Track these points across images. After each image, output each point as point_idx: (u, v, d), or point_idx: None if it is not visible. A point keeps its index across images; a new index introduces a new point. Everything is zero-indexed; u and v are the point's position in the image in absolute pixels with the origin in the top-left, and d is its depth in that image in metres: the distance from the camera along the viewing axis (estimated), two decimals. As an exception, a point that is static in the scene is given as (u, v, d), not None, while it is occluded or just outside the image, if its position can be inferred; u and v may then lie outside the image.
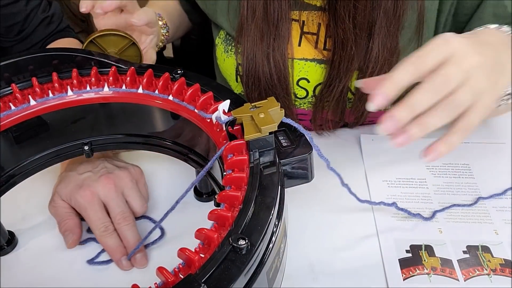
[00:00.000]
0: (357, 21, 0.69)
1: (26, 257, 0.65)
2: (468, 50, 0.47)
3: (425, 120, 0.46)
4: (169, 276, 0.40)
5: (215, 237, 0.42)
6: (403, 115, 0.45)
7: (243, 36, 0.76)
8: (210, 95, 0.57)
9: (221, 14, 0.82)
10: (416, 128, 0.46)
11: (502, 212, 0.66)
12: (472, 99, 0.47)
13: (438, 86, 0.45)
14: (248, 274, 0.40)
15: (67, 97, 0.62)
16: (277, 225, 0.45)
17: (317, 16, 0.75)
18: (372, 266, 0.60)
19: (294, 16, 0.76)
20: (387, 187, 0.71)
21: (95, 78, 0.62)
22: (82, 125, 0.65)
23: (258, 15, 0.73)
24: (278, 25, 0.74)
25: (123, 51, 0.70)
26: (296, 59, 0.77)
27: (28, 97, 0.60)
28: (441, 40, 0.47)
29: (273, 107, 0.51)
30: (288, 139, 0.54)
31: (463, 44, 0.47)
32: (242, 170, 0.48)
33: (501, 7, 0.70)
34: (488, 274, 0.59)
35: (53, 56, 0.65)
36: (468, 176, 0.72)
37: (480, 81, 0.47)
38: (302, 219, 0.67)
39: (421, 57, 0.46)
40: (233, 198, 0.45)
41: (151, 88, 0.61)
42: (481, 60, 0.47)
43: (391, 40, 0.71)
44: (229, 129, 0.52)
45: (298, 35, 0.77)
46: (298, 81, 0.79)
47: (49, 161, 0.65)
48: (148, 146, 0.67)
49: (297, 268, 0.60)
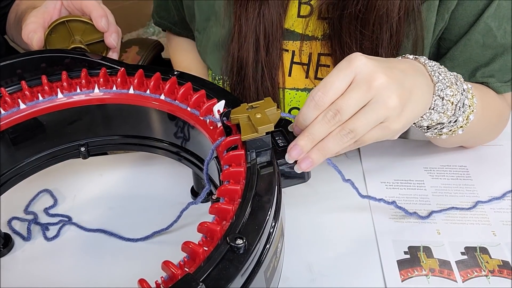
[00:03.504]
0: (364, 46, 0.68)
1: (22, 260, 0.65)
2: (372, 70, 0.50)
3: (323, 146, 0.50)
4: (175, 269, 0.41)
5: (218, 229, 0.42)
6: (304, 143, 0.50)
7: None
8: (203, 93, 0.58)
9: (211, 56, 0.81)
10: (316, 154, 0.50)
11: (500, 213, 0.66)
12: (370, 125, 0.50)
13: (330, 118, 0.49)
14: (245, 273, 0.40)
15: (57, 99, 0.62)
16: (274, 224, 0.45)
17: (308, 46, 0.74)
18: (370, 267, 0.60)
19: (285, 46, 0.75)
20: (385, 189, 0.70)
21: (85, 80, 0.62)
22: (78, 126, 0.65)
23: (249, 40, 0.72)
24: (268, 52, 0.72)
25: (84, 35, 0.70)
26: (287, 88, 0.76)
27: (17, 101, 0.60)
28: (345, 62, 0.50)
29: (269, 108, 0.51)
30: (285, 139, 0.54)
31: (369, 65, 0.50)
32: (240, 165, 0.48)
33: (490, 37, 0.68)
34: (486, 276, 0.58)
35: (41, 59, 0.65)
36: (466, 178, 0.72)
37: (386, 103, 0.49)
38: (300, 219, 0.67)
39: (324, 91, 0.49)
40: (233, 191, 0.46)
41: (142, 89, 0.61)
42: (386, 80, 0.50)
43: None
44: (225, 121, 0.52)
45: (288, 64, 0.76)
46: (289, 111, 0.78)
47: (45, 162, 0.65)
48: (144, 147, 0.67)
49: (294, 270, 0.60)
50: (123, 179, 0.76)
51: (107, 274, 0.62)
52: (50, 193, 0.73)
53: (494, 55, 0.69)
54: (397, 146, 0.77)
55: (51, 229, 0.68)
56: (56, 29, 0.68)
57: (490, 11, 0.66)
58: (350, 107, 0.49)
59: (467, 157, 0.75)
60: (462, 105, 0.59)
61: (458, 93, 0.58)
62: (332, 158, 0.52)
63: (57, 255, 0.65)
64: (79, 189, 0.74)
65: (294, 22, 0.73)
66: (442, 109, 0.57)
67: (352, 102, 0.49)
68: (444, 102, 0.57)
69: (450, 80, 0.58)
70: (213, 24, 0.77)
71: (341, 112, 0.49)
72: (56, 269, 0.63)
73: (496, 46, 0.68)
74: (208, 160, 0.53)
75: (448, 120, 0.59)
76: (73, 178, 0.76)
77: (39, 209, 0.71)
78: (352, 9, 0.66)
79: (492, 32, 0.67)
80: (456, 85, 0.59)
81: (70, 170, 0.76)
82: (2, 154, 0.61)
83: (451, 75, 0.60)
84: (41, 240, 0.67)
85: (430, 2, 0.67)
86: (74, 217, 0.70)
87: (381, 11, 0.65)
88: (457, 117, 0.60)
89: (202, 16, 0.79)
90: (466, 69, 0.70)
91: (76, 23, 0.69)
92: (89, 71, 0.63)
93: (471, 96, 0.61)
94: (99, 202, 0.72)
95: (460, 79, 0.61)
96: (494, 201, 0.68)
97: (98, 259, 0.64)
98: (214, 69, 0.80)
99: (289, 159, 0.51)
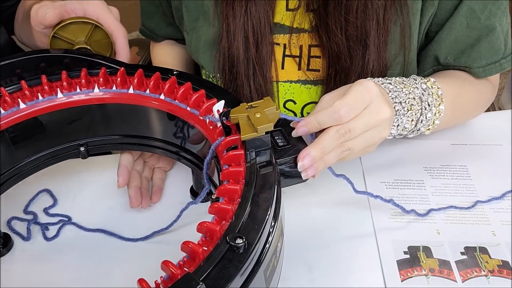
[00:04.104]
0: (349, 33, 0.69)
1: (22, 260, 0.65)
2: (383, 102, 0.57)
3: (326, 158, 0.54)
4: (174, 269, 0.41)
5: (217, 229, 0.42)
6: (316, 154, 0.53)
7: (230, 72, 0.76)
8: (202, 93, 0.58)
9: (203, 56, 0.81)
10: (321, 164, 0.54)
11: (500, 213, 0.66)
12: (362, 147, 0.57)
13: (341, 135, 0.54)
14: (245, 273, 0.40)
15: (57, 99, 0.62)
16: (274, 224, 0.45)
17: (297, 39, 0.75)
18: (370, 268, 0.60)
19: (276, 40, 0.75)
20: (385, 188, 0.70)
21: (85, 80, 0.62)
22: (78, 126, 0.65)
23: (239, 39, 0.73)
24: (258, 48, 0.73)
25: (90, 37, 0.68)
26: (280, 81, 0.77)
27: (17, 101, 0.60)
28: (364, 89, 0.56)
29: (269, 107, 0.51)
30: (284, 138, 0.54)
31: (380, 96, 0.57)
32: (239, 165, 0.48)
33: (474, 19, 0.70)
34: (486, 275, 0.58)
35: (41, 59, 0.64)
36: (466, 178, 0.72)
37: (382, 134, 0.58)
38: (299, 219, 0.66)
39: (349, 110, 0.54)
40: (232, 191, 0.46)
41: (142, 88, 0.61)
42: (390, 115, 0.58)
43: (383, 53, 0.71)
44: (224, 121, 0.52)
45: (281, 57, 0.76)
46: (284, 103, 0.79)
47: (45, 162, 0.65)
48: (144, 146, 0.67)
49: (294, 270, 0.60)
50: (122, 179, 0.76)
51: (107, 274, 0.62)
52: (50, 193, 0.73)
53: (478, 36, 0.71)
54: (397, 146, 0.77)
55: (50, 229, 0.68)
56: (81, 24, 0.67)
57: None
58: (359, 130, 0.55)
59: (467, 157, 0.75)
60: (426, 98, 0.65)
61: (414, 89, 0.64)
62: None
63: (57, 255, 0.65)
64: (78, 189, 0.74)
65: (283, 16, 0.74)
66: (405, 109, 0.62)
67: (362, 127, 0.55)
68: (403, 105, 0.62)
69: (401, 84, 0.64)
70: (203, 23, 0.78)
71: (351, 132, 0.55)
72: (56, 269, 0.63)
73: (481, 28, 0.70)
74: (208, 160, 0.53)
75: (418, 119, 0.65)
76: (73, 178, 0.76)
77: (38, 209, 0.71)
78: None
79: (475, 14, 0.70)
80: (408, 84, 0.64)
81: (70, 170, 0.76)
82: (2, 153, 0.61)
83: (402, 80, 0.65)
84: (41, 240, 0.67)
85: None
86: (73, 217, 0.70)
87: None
88: (419, 127, 0.65)
89: (190, 17, 0.79)
90: (453, 52, 0.72)
91: (99, 31, 0.68)
92: (89, 71, 0.63)
93: (432, 87, 0.66)
94: (98, 202, 0.72)
95: (414, 80, 0.66)
96: (494, 201, 0.68)
97: (98, 259, 0.64)
98: (207, 67, 0.80)
99: (301, 167, 0.53)
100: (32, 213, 0.70)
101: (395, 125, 0.62)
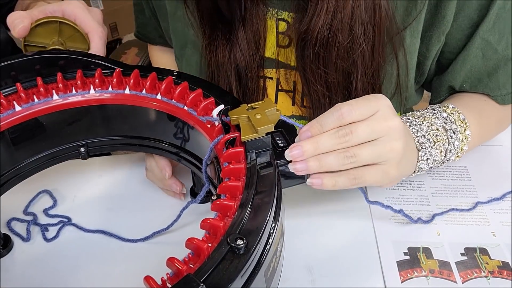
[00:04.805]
0: (329, 83, 0.67)
1: (22, 261, 0.64)
2: (393, 112, 0.54)
3: (323, 157, 0.51)
4: (180, 265, 0.41)
5: (221, 225, 0.43)
6: (308, 149, 0.50)
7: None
8: (199, 92, 0.58)
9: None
10: (314, 162, 0.51)
11: (500, 214, 0.66)
12: (371, 159, 0.52)
13: (341, 136, 0.51)
14: (246, 274, 0.40)
15: (53, 101, 0.62)
16: (275, 225, 0.45)
17: (291, 75, 0.73)
18: (370, 268, 0.60)
19: (268, 74, 0.74)
20: (385, 189, 0.70)
21: (80, 81, 0.62)
22: (78, 127, 0.65)
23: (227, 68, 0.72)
24: (247, 83, 0.72)
25: (62, 35, 0.68)
26: None
27: (13, 103, 0.60)
28: (373, 97, 0.53)
29: (269, 108, 0.51)
30: (285, 139, 0.54)
31: (391, 107, 0.54)
32: (239, 162, 0.48)
33: (490, 49, 0.67)
34: (486, 276, 0.58)
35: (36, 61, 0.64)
36: (466, 179, 0.72)
37: (393, 145, 0.53)
38: (299, 220, 0.66)
39: (351, 108, 0.52)
40: (234, 188, 0.46)
41: (138, 89, 0.61)
42: (400, 125, 0.54)
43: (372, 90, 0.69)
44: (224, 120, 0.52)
45: (274, 92, 0.75)
46: None
47: (45, 163, 0.65)
48: (144, 147, 0.67)
49: (294, 270, 0.60)
50: (122, 180, 0.76)
51: (107, 274, 0.62)
52: (50, 194, 0.73)
53: (496, 65, 0.68)
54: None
55: (50, 230, 0.68)
56: (46, 24, 0.67)
57: (487, 26, 0.66)
58: (362, 134, 0.51)
59: (467, 158, 0.75)
60: (449, 126, 0.63)
61: (434, 119, 0.63)
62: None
63: (57, 256, 0.65)
64: (78, 189, 0.74)
65: (274, 51, 0.72)
66: (432, 142, 0.61)
67: (366, 130, 0.52)
68: (427, 137, 0.61)
69: (420, 117, 0.62)
70: (192, 52, 0.77)
71: (353, 134, 0.51)
72: (56, 270, 0.63)
73: (498, 58, 0.68)
74: (207, 158, 0.53)
75: (447, 149, 0.63)
76: (73, 178, 0.76)
77: (38, 210, 0.71)
78: (310, 50, 0.65)
79: (491, 46, 0.67)
80: (427, 115, 0.63)
81: (70, 171, 0.76)
82: (2, 154, 0.61)
83: (420, 114, 0.64)
84: (41, 241, 0.67)
85: (413, 28, 0.66)
86: (73, 218, 0.70)
87: (341, 48, 0.64)
88: (449, 157, 0.64)
89: (178, 44, 0.79)
90: (468, 80, 0.70)
91: (67, 27, 0.68)
92: (85, 72, 0.63)
93: (452, 113, 0.64)
94: (98, 203, 0.72)
95: (433, 110, 0.65)
96: (494, 202, 0.68)
97: (98, 260, 0.64)
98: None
99: (288, 157, 0.51)
100: (32, 214, 0.70)
101: (424, 159, 0.61)
